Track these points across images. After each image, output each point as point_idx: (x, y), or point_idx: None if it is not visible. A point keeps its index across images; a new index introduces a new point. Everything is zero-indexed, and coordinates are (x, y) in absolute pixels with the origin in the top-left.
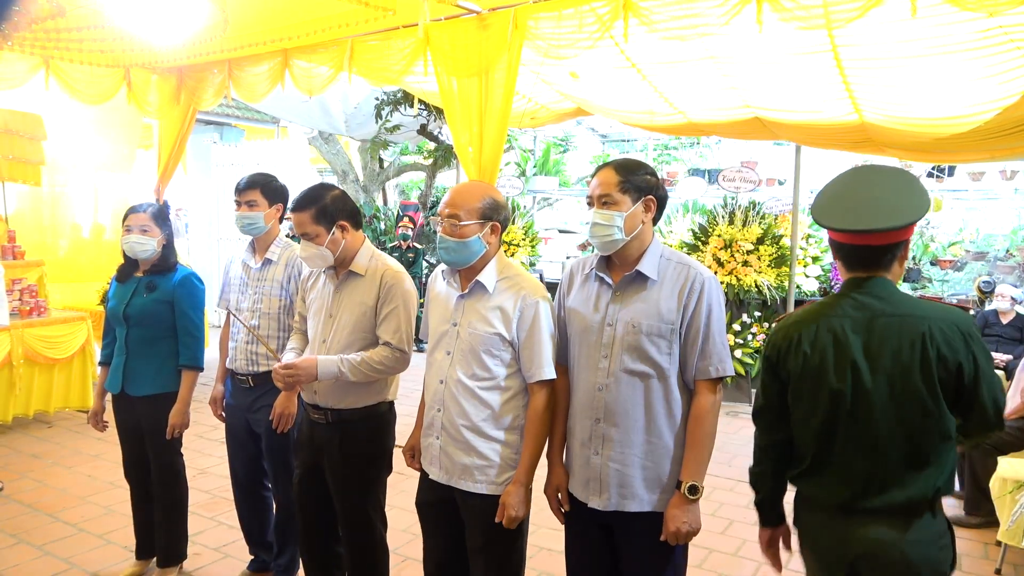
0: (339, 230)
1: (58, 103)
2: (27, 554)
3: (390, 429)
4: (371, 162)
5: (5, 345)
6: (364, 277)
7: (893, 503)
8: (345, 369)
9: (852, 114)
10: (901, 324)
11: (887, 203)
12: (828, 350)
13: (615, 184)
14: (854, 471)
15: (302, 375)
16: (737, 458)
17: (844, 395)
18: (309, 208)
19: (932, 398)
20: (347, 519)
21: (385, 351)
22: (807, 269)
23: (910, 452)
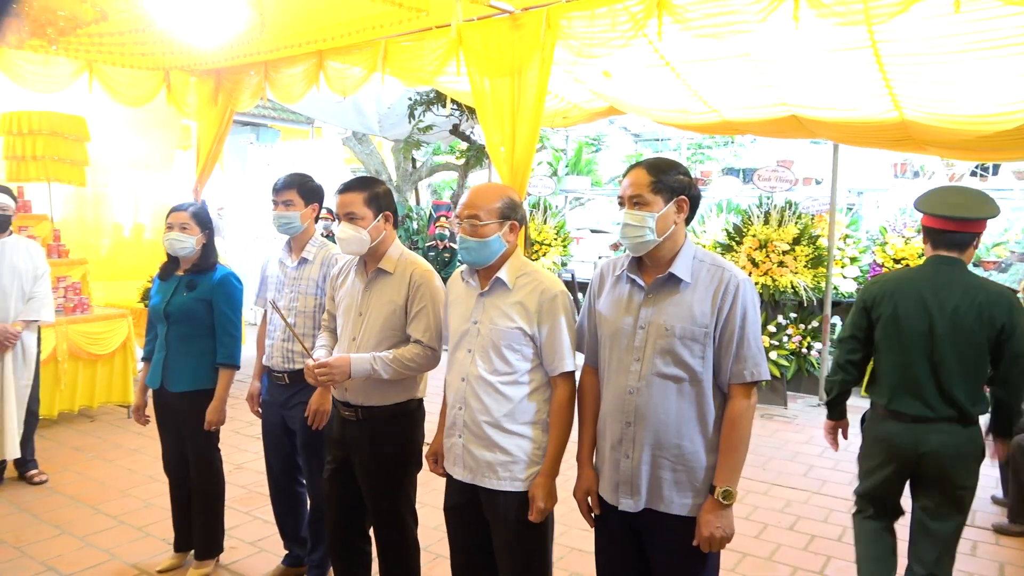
0: (383, 220)
1: (100, 105)
2: (70, 545)
3: (419, 426)
4: (404, 162)
5: (50, 341)
6: (393, 275)
7: (951, 416)
8: (378, 367)
9: (892, 111)
10: (965, 290)
11: (974, 205)
12: (912, 302)
13: (647, 184)
14: (926, 394)
15: (336, 373)
16: (772, 461)
17: (921, 336)
18: (363, 191)
19: (980, 345)
20: (378, 517)
21: (416, 348)
22: (845, 270)
23: (963, 384)
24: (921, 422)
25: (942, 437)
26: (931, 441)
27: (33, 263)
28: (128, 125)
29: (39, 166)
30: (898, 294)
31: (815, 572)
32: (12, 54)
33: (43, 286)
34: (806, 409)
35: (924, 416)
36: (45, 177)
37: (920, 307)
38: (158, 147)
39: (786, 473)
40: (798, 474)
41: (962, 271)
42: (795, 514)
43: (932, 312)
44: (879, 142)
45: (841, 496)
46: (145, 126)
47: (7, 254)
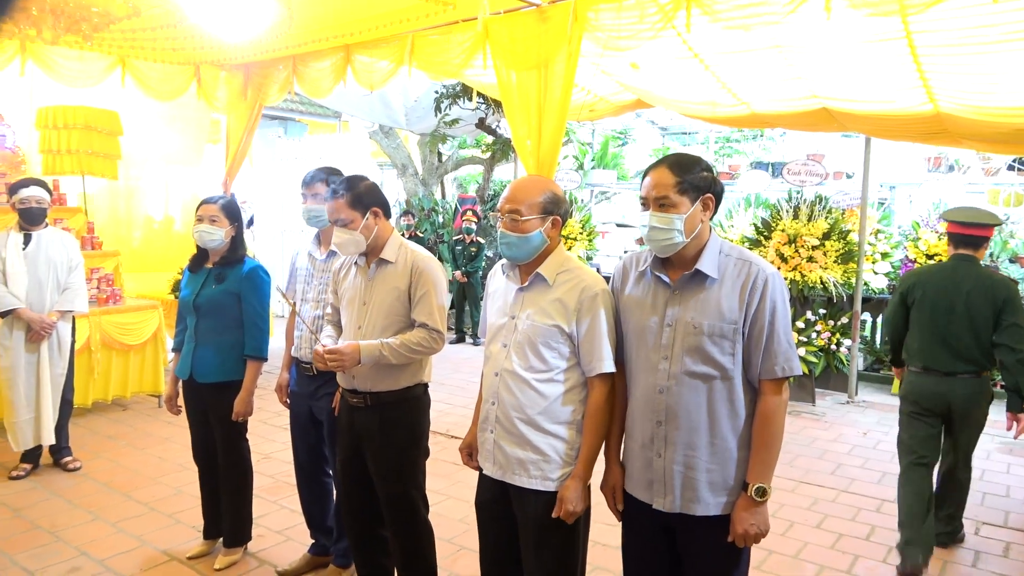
0: (372, 216)
1: (132, 100)
2: (103, 530)
3: (426, 411)
4: (430, 156)
5: (84, 331)
6: (395, 264)
7: (968, 370)
8: (386, 352)
9: (926, 104)
10: (977, 278)
11: (984, 217)
12: (937, 288)
13: (672, 185)
14: (950, 354)
15: (346, 360)
16: (799, 458)
17: (945, 312)
18: (344, 195)
19: (987, 318)
20: (390, 502)
21: (421, 332)
22: (875, 266)
23: (976, 347)
24: (948, 376)
25: (963, 386)
26: (956, 389)
27: (68, 255)
28: (159, 119)
29: (74, 160)
30: (927, 283)
31: (842, 571)
32: (48, 49)
33: (77, 277)
34: (835, 406)
35: (950, 371)
36: (79, 171)
37: (943, 292)
38: (188, 141)
39: (814, 471)
40: (826, 472)
41: (976, 264)
42: (822, 512)
43: (952, 295)
44: (913, 135)
45: (869, 495)
46: (176, 120)
47: (43, 246)
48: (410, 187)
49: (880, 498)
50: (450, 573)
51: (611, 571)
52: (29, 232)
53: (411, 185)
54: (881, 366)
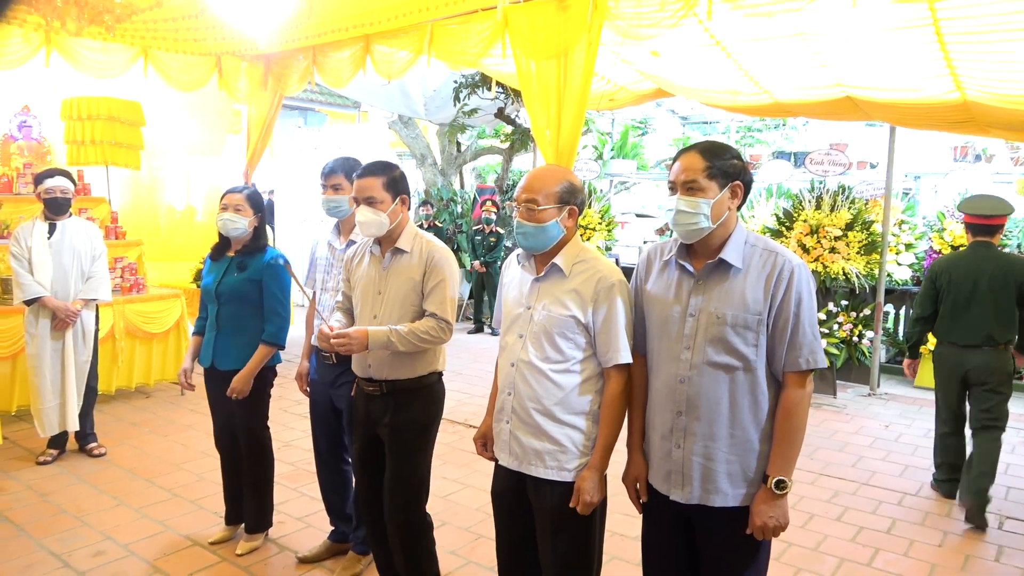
0: (400, 203)
1: (155, 90)
2: (127, 516)
3: (440, 400)
4: (449, 145)
5: (108, 320)
6: (410, 253)
7: (988, 343)
8: (395, 339)
9: (953, 92)
10: (995, 262)
11: (997, 206)
12: (962, 272)
13: (701, 170)
14: (973, 329)
15: (354, 344)
16: (820, 451)
17: (969, 293)
18: (382, 175)
19: (1009, 297)
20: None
21: (431, 322)
22: (899, 257)
23: (995, 323)
24: (965, 348)
25: (979, 357)
26: (973, 359)
27: (91, 244)
28: (181, 110)
29: (97, 150)
30: (953, 268)
31: (863, 564)
32: (72, 41)
33: (101, 266)
34: (856, 399)
35: (967, 344)
36: (103, 161)
37: (967, 276)
38: (210, 131)
39: (834, 463)
40: (847, 465)
41: (993, 249)
42: (843, 505)
43: (975, 278)
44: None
45: (891, 488)
46: (197, 111)
47: (67, 235)
48: (429, 177)
49: (902, 491)
50: (468, 561)
51: (628, 561)
52: (54, 221)
53: (430, 175)
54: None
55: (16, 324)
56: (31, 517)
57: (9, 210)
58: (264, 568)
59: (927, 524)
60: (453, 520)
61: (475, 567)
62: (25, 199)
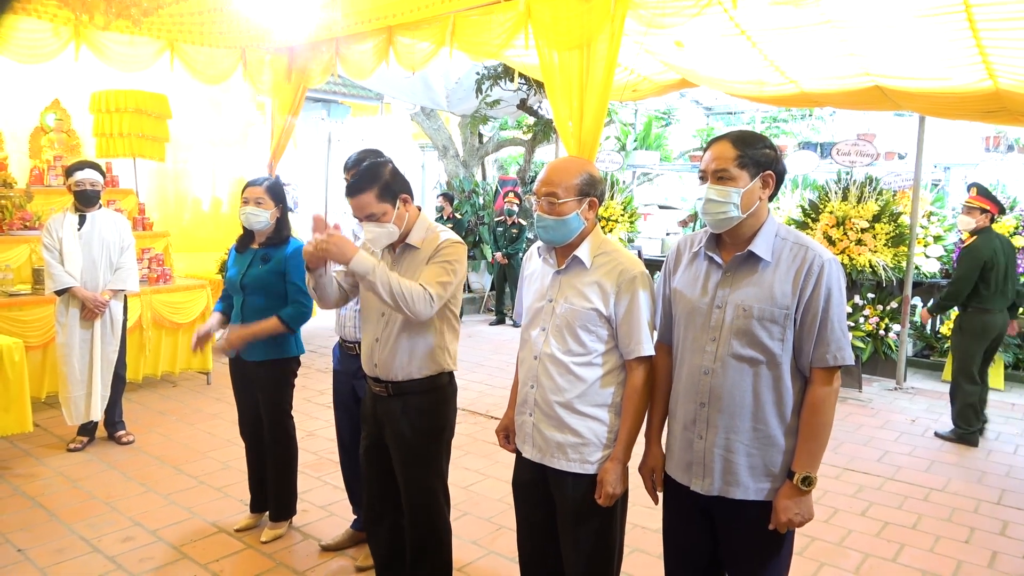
0: (402, 204)
1: (181, 84)
2: (155, 502)
3: (451, 400)
4: (471, 137)
5: (136, 310)
6: (421, 249)
7: (1007, 307)
8: (379, 273)
9: (985, 80)
10: (1001, 240)
11: None
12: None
13: (732, 158)
14: (1008, 296)
15: (333, 249)
16: (844, 445)
17: (1004, 267)
18: (371, 187)
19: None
20: (409, 490)
21: (419, 289)
22: (928, 249)
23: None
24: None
25: (1004, 318)
26: (1002, 321)
27: (119, 235)
28: (206, 102)
29: (125, 143)
30: (995, 250)
31: (887, 559)
32: (100, 35)
33: (129, 257)
34: (882, 393)
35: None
36: (130, 153)
37: (997, 253)
38: (234, 124)
39: (859, 458)
40: (872, 459)
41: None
42: (868, 500)
43: (1001, 255)
44: (970, 114)
45: (917, 483)
46: (222, 103)
47: (97, 227)
48: (451, 169)
49: (928, 487)
50: (489, 551)
51: (649, 553)
52: (84, 213)
53: (452, 167)
54: (931, 352)
55: (47, 314)
56: (62, 503)
57: (40, 202)
58: (288, 555)
59: (954, 520)
60: (474, 510)
61: (496, 557)
62: (56, 191)
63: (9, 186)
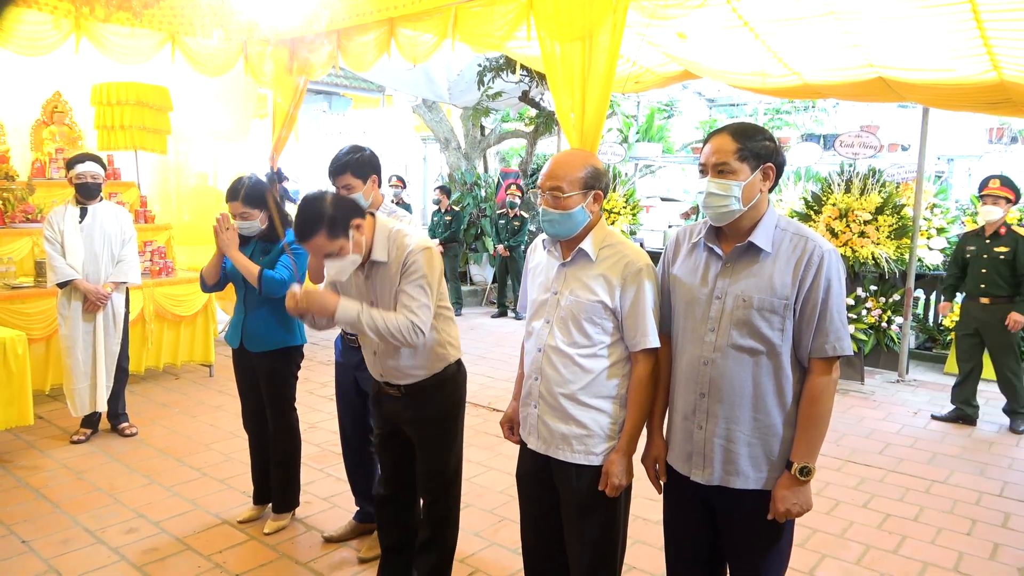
0: (355, 230)
1: (182, 76)
2: (158, 494)
3: (462, 387)
4: (473, 129)
5: (138, 302)
6: (389, 264)
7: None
8: (364, 318)
9: (990, 72)
10: None
11: None
12: None
13: (732, 151)
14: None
15: (314, 302)
16: (846, 437)
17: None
18: (318, 230)
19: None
20: (430, 478)
21: (404, 321)
22: (931, 241)
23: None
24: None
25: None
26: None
27: (121, 228)
28: (208, 95)
29: (126, 135)
30: None
31: (888, 551)
32: (100, 27)
33: (130, 250)
34: (884, 385)
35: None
36: (132, 146)
37: None
38: (236, 116)
39: (861, 450)
40: (873, 451)
41: None
42: (869, 492)
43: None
44: (974, 105)
45: (919, 475)
46: (223, 96)
47: (98, 219)
48: (453, 161)
49: (930, 479)
50: (492, 543)
51: (651, 545)
52: (85, 206)
53: (454, 159)
54: (933, 345)
55: (50, 306)
56: (66, 494)
57: (42, 195)
58: (291, 547)
59: (955, 512)
60: (477, 502)
61: (499, 549)
62: (58, 184)
63: (11, 179)
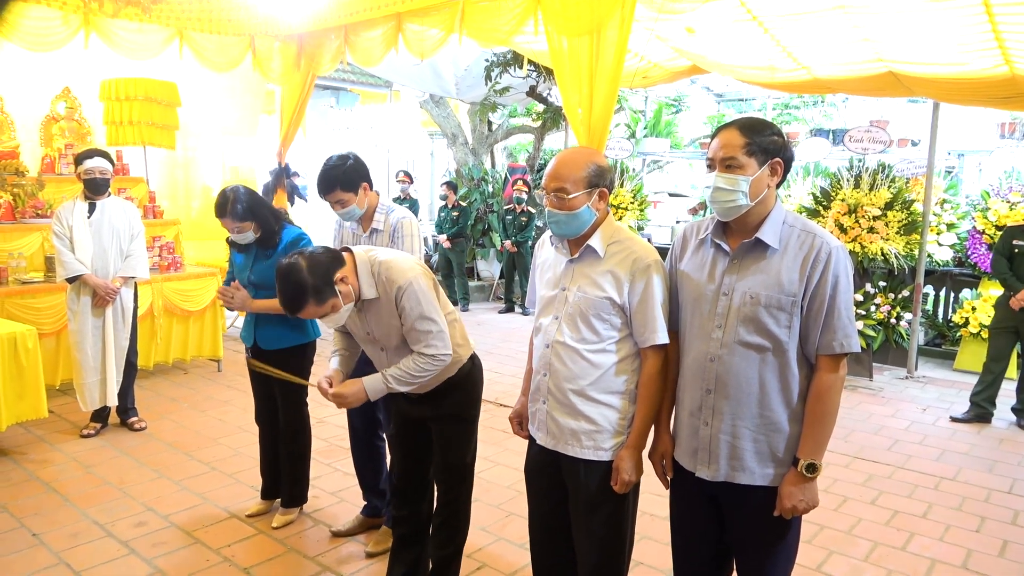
0: (341, 284)
1: (190, 71)
2: (167, 488)
3: (479, 382)
4: (480, 125)
5: (147, 297)
6: (379, 300)
7: None
8: (392, 384)
9: (1001, 66)
10: None
11: None
12: None
13: (740, 146)
14: None
15: (350, 400)
16: (854, 434)
17: None
18: (306, 303)
19: None
20: (449, 471)
21: (421, 359)
22: (940, 237)
23: None
24: None
25: None
26: None
27: (129, 223)
28: (216, 90)
29: (135, 131)
30: None
31: (897, 548)
32: (109, 22)
33: (139, 245)
34: (893, 382)
35: None
36: (140, 141)
37: None
38: (244, 112)
39: (869, 447)
40: (882, 448)
41: None
42: (877, 488)
43: None
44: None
45: (927, 472)
46: (231, 91)
47: (107, 215)
48: (460, 156)
49: (939, 475)
50: (499, 538)
51: (657, 541)
52: (94, 201)
53: (461, 154)
54: (943, 341)
55: (59, 301)
56: (76, 488)
57: (52, 190)
58: (299, 541)
59: (964, 509)
60: (484, 497)
61: (506, 544)
62: (67, 179)
63: (21, 174)
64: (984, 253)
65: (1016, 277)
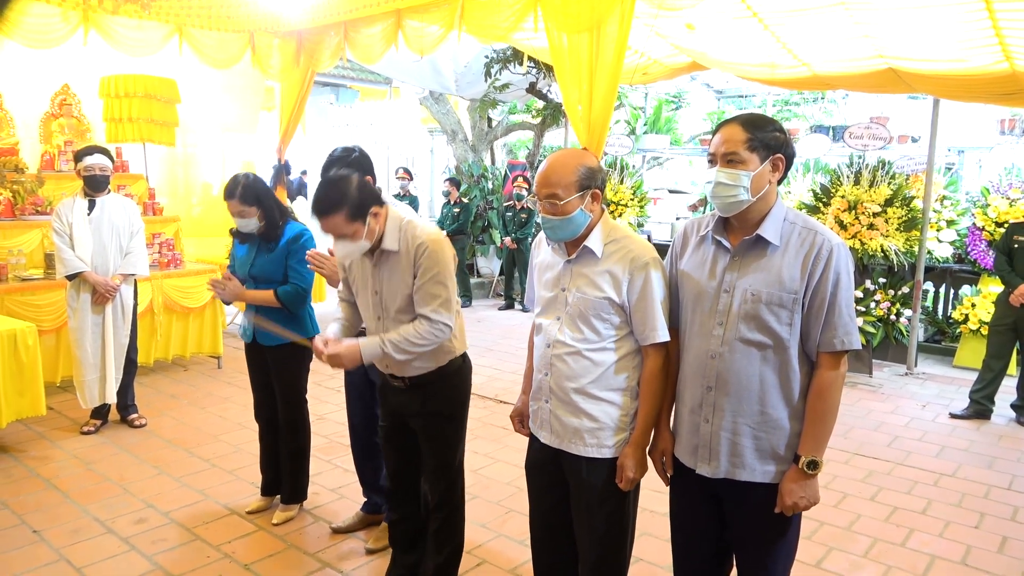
0: (372, 218)
1: (189, 68)
2: (168, 484)
3: (467, 380)
4: (480, 121)
5: (147, 294)
6: (399, 253)
7: None
8: (389, 349)
9: (1001, 63)
10: None
11: None
12: None
13: (742, 141)
14: None
15: (345, 362)
16: (854, 430)
17: None
18: (340, 208)
19: None
20: (437, 472)
21: (423, 325)
22: (940, 234)
23: None
24: None
25: None
26: None
27: (129, 220)
28: (215, 87)
29: (135, 127)
30: None
31: (896, 544)
32: (109, 19)
33: (139, 242)
34: (892, 378)
35: None
36: (140, 138)
37: None
38: (243, 109)
39: (869, 443)
40: (881, 444)
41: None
42: (877, 485)
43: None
44: (985, 96)
45: (927, 468)
46: (231, 88)
47: (106, 212)
48: (460, 153)
49: (938, 472)
50: (499, 534)
51: (658, 537)
52: (93, 198)
53: (461, 151)
54: (943, 337)
55: (59, 298)
56: (76, 485)
57: (52, 187)
58: (299, 537)
59: (963, 505)
60: (483, 494)
61: (505, 540)
62: (67, 176)
63: (21, 171)
64: (984, 250)
65: (1016, 273)
